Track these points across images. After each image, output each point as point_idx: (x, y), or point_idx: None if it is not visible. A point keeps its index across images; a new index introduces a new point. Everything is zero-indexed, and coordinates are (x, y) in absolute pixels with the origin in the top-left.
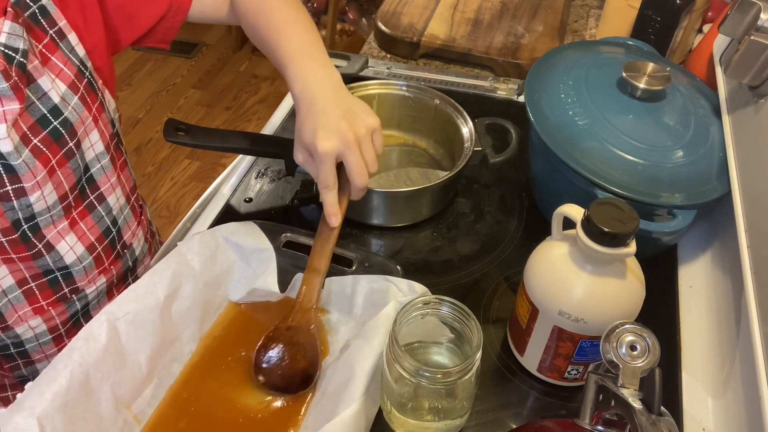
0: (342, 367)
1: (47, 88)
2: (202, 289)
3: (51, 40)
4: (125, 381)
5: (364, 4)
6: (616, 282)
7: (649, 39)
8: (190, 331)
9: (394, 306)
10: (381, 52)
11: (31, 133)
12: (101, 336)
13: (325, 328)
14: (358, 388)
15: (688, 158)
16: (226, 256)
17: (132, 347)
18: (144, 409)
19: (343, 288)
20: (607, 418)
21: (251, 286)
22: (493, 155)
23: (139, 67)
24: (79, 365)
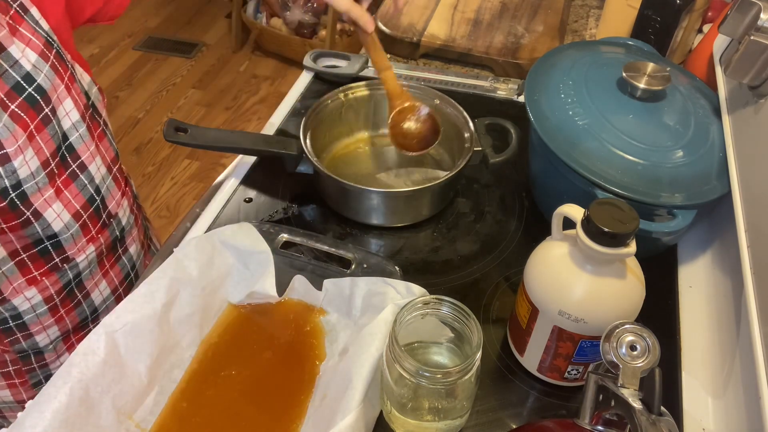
0: (340, 373)
1: (18, 56)
2: (200, 294)
3: (16, 12)
4: (126, 392)
5: None
6: (616, 282)
7: (649, 39)
8: (190, 337)
9: (392, 310)
10: None
11: (7, 99)
12: (99, 349)
13: (324, 329)
14: (355, 396)
15: (688, 158)
16: (223, 260)
17: (131, 358)
18: (146, 417)
19: (342, 289)
20: (607, 418)
21: (250, 289)
22: (493, 155)
23: (139, 67)
24: (78, 381)
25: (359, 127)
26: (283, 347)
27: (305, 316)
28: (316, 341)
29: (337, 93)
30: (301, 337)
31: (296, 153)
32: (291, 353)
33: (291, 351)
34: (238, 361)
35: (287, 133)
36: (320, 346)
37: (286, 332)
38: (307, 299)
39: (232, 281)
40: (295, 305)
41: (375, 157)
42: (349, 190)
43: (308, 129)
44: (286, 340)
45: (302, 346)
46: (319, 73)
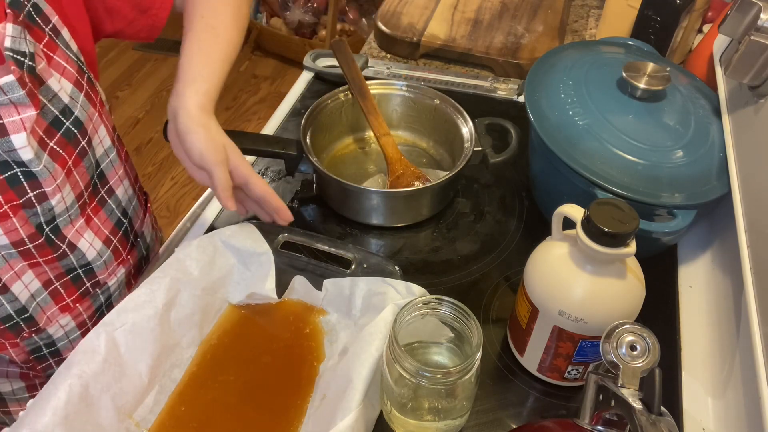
0: (340, 373)
1: (56, 89)
2: (200, 294)
3: (50, 39)
4: (126, 391)
5: (364, 4)
6: (616, 282)
7: (649, 39)
8: (190, 336)
9: (392, 310)
10: (381, 52)
11: (46, 137)
12: (100, 348)
13: (324, 329)
14: (355, 396)
15: (688, 158)
16: (224, 260)
17: (132, 357)
18: (146, 416)
19: (341, 290)
20: (607, 418)
21: (250, 290)
22: (493, 155)
23: (139, 67)
24: (78, 378)
25: (359, 127)
26: (282, 350)
27: (305, 316)
28: (315, 343)
29: (337, 93)
30: (300, 340)
31: (296, 153)
32: (290, 356)
33: (290, 353)
34: (237, 365)
35: (287, 133)
36: (319, 347)
37: (286, 334)
38: (307, 299)
39: (232, 282)
40: (295, 305)
41: (375, 157)
42: (349, 190)
43: (308, 129)
44: (285, 343)
45: (301, 348)
46: (319, 73)
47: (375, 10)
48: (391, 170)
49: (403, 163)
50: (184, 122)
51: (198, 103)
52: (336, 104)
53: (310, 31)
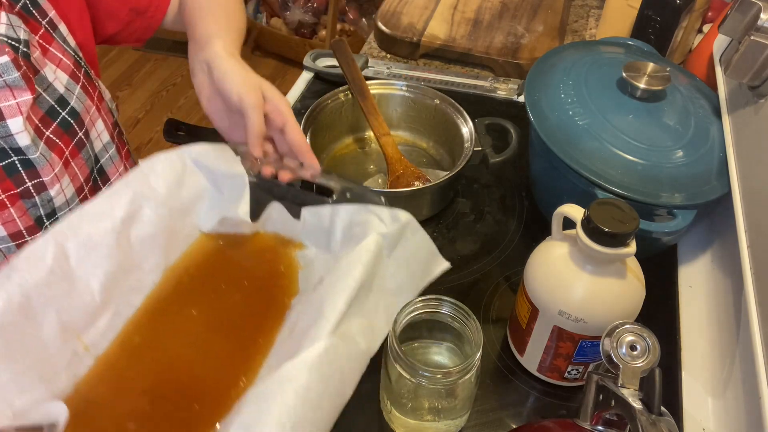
0: (312, 304)
1: (51, 78)
2: (166, 214)
3: (46, 31)
4: (75, 307)
5: (364, 4)
6: (616, 282)
7: (649, 39)
8: (153, 261)
9: (375, 239)
10: (381, 52)
11: (42, 125)
12: (47, 257)
13: (300, 264)
14: (325, 326)
15: (688, 158)
16: (194, 181)
17: (83, 272)
18: (97, 341)
19: (321, 219)
20: (607, 418)
21: (222, 214)
22: (493, 155)
23: (139, 67)
24: (18, 286)
25: (359, 127)
26: (253, 288)
27: (280, 251)
28: (288, 280)
29: (337, 93)
30: (273, 279)
31: None
32: (261, 294)
33: (261, 292)
34: (203, 298)
35: None
36: (293, 284)
37: (258, 271)
38: (284, 231)
39: (203, 206)
40: (270, 239)
41: (375, 157)
42: None
43: (308, 129)
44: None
45: (274, 287)
46: (319, 73)
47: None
48: (391, 170)
49: (403, 163)
50: (220, 66)
51: (227, 49)
52: (336, 104)
53: (310, 31)
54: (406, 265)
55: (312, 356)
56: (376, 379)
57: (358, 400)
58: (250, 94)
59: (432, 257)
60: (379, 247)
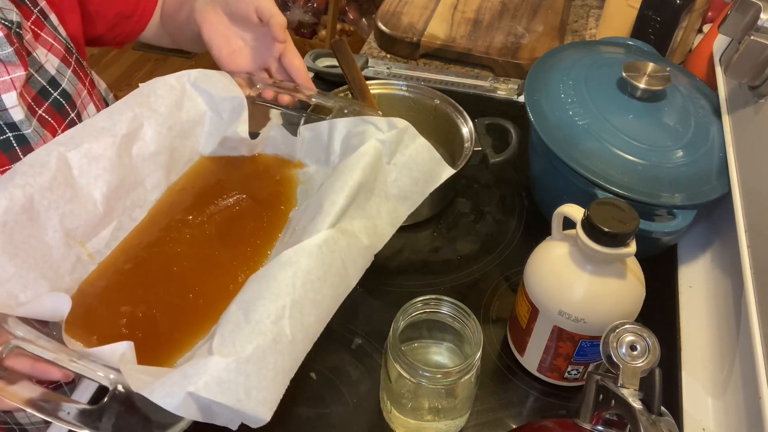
0: (311, 206)
1: (42, 61)
2: (166, 133)
3: (37, 18)
4: (77, 215)
5: (364, 4)
6: (616, 282)
7: (649, 39)
8: (155, 178)
9: (373, 144)
10: (381, 52)
11: (35, 104)
12: (50, 164)
13: (301, 180)
14: (325, 220)
15: (688, 158)
16: (194, 105)
17: (85, 181)
18: (101, 250)
19: (320, 134)
20: (607, 418)
21: (222, 134)
22: (493, 155)
23: (139, 67)
24: (21, 187)
25: None
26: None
27: (280, 170)
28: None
29: (337, 93)
30: (271, 186)
31: None
32: (260, 202)
33: (260, 200)
34: (203, 209)
35: None
36: (292, 196)
37: (257, 183)
38: (283, 150)
39: (203, 130)
40: (270, 159)
41: None
42: None
43: None
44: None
45: (272, 194)
46: (319, 73)
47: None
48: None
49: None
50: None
51: None
52: None
53: (310, 31)
54: (408, 171)
55: (311, 244)
56: (376, 379)
57: (358, 400)
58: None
59: (435, 163)
60: (377, 151)
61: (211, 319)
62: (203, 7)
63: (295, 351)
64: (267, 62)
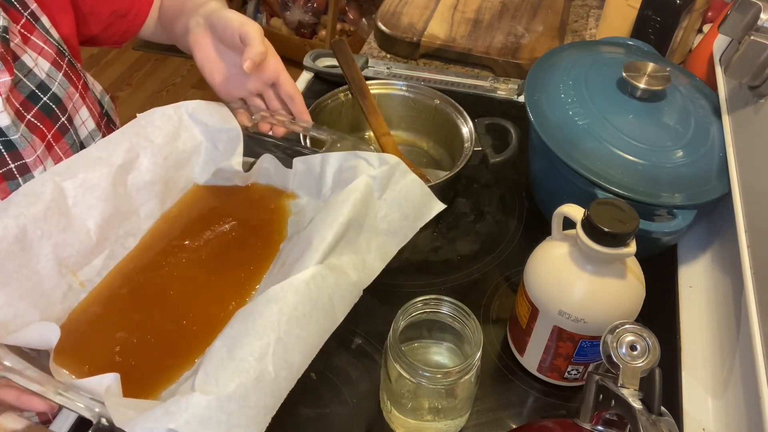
0: (301, 240)
1: (31, 65)
2: (162, 164)
3: (27, 21)
4: (71, 244)
5: (364, 4)
6: (616, 282)
7: (649, 39)
8: (149, 207)
9: (364, 180)
10: (381, 52)
11: (23, 109)
12: (44, 194)
13: (292, 211)
14: (312, 256)
15: (688, 158)
16: (190, 135)
17: (79, 211)
18: (92, 278)
19: (312, 168)
20: (607, 418)
21: (217, 166)
22: (493, 155)
23: (139, 67)
24: (14, 218)
25: (359, 127)
26: (244, 225)
27: (272, 200)
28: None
29: (337, 93)
30: (264, 215)
31: None
32: (251, 231)
33: (251, 229)
34: (195, 236)
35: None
36: (283, 226)
37: (249, 212)
38: (277, 181)
39: (198, 160)
40: (263, 189)
41: None
42: None
43: None
44: (248, 219)
45: (265, 223)
46: (319, 73)
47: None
48: None
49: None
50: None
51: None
52: (336, 104)
53: (310, 31)
54: (398, 207)
55: (298, 280)
56: (376, 379)
57: (358, 400)
58: (254, 23)
59: (425, 199)
60: (368, 188)
61: (199, 349)
62: (195, 29)
63: (278, 388)
64: (260, 88)
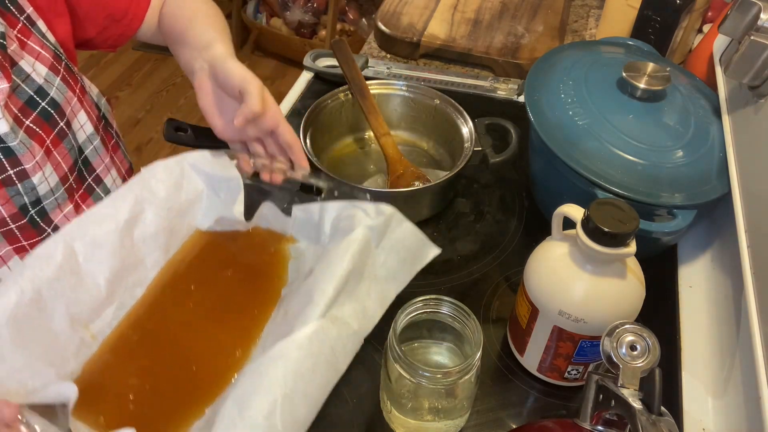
0: (303, 291)
1: (29, 71)
2: (165, 215)
3: (24, 26)
4: (82, 301)
5: (364, 4)
6: (616, 282)
7: (649, 39)
8: (154, 257)
9: (362, 231)
10: (381, 52)
11: (22, 115)
12: (57, 255)
13: (292, 255)
14: (314, 311)
15: (688, 158)
16: (192, 185)
17: (90, 268)
18: (103, 330)
19: (311, 215)
20: (607, 418)
21: (219, 214)
22: (493, 155)
23: (139, 67)
24: (30, 281)
25: (359, 127)
26: (246, 272)
27: (272, 244)
28: (279, 266)
29: (337, 93)
30: (265, 262)
31: None
32: (253, 277)
33: (253, 275)
34: (199, 283)
35: None
36: (283, 271)
37: (251, 257)
38: (276, 227)
39: (200, 207)
40: (264, 234)
41: (375, 157)
42: None
43: (308, 129)
44: (250, 265)
45: (265, 270)
46: (319, 73)
47: (375, 10)
48: (391, 170)
49: (404, 163)
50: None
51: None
52: (336, 104)
53: (310, 31)
54: (396, 253)
55: (301, 336)
56: (376, 379)
57: (358, 400)
58: (254, 79)
59: (421, 244)
60: (366, 238)
61: (209, 398)
62: (200, 74)
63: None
64: (259, 135)
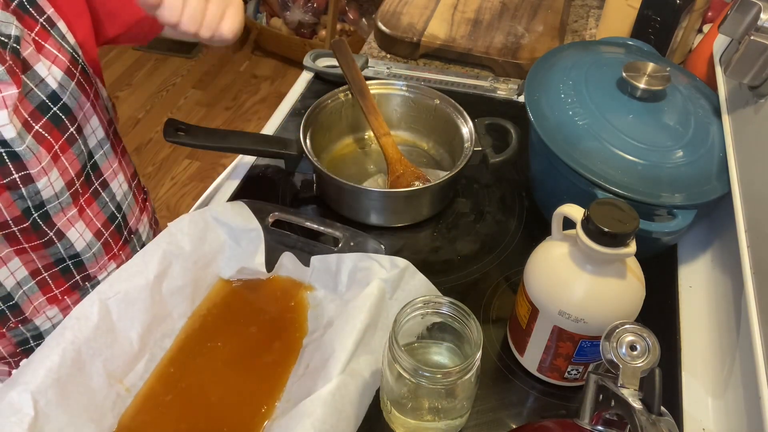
0: (324, 344)
1: (44, 74)
2: (191, 267)
3: (42, 28)
4: (117, 357)
5: (364, 4)
6: (616, 282)
7: (649, 39)
8: (181, 308)
9: (377, 285)
10: (381, 52)
11: (32, 119)
12: (93, 315)
13: (310, 304)
14: (336, 366)
15: (688, 158)
16: (215, 236)
17: (123, 325)
18: (136, 383)
19: (328, 266)
20: (607, 418)
21: (241, 264)
22: (493, 155)
23: (139, 67)
24: (71, 343)
25: (359, 127)
26: (268, 322)
27: (292, 291)
28: (299, 316)
29: (337, 93)
30: (285, 313)
31: (296, 153)
32: (275, 327)
33: (275, 325)
34: (224, 334)
35: (287, 133)
36: (303, 321)
37: (272, 307)
38: (295, 275)
39: (223, 257)
40: (284, 281)
41: (375, 157)
42: (349, 190)
43: (308, 129)
44: (271, 315)
45: (285, 320)
46: (319, 73)
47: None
48: (391, 170)
49: (403, 163)
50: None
51: None
52: (336, 104)
53: (310, 31)
54: None
55: (325, 393)
56: (377, 379)
57: None
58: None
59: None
60: (381, 292)
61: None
62: None
63: None
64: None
